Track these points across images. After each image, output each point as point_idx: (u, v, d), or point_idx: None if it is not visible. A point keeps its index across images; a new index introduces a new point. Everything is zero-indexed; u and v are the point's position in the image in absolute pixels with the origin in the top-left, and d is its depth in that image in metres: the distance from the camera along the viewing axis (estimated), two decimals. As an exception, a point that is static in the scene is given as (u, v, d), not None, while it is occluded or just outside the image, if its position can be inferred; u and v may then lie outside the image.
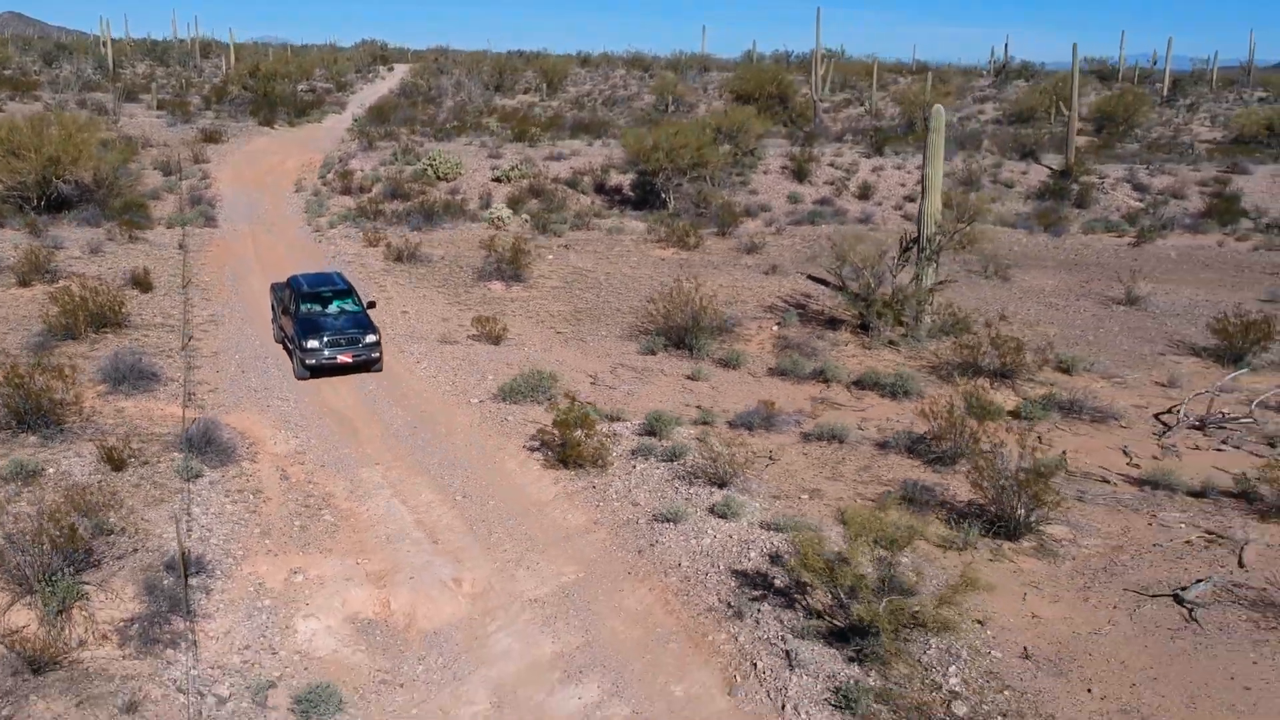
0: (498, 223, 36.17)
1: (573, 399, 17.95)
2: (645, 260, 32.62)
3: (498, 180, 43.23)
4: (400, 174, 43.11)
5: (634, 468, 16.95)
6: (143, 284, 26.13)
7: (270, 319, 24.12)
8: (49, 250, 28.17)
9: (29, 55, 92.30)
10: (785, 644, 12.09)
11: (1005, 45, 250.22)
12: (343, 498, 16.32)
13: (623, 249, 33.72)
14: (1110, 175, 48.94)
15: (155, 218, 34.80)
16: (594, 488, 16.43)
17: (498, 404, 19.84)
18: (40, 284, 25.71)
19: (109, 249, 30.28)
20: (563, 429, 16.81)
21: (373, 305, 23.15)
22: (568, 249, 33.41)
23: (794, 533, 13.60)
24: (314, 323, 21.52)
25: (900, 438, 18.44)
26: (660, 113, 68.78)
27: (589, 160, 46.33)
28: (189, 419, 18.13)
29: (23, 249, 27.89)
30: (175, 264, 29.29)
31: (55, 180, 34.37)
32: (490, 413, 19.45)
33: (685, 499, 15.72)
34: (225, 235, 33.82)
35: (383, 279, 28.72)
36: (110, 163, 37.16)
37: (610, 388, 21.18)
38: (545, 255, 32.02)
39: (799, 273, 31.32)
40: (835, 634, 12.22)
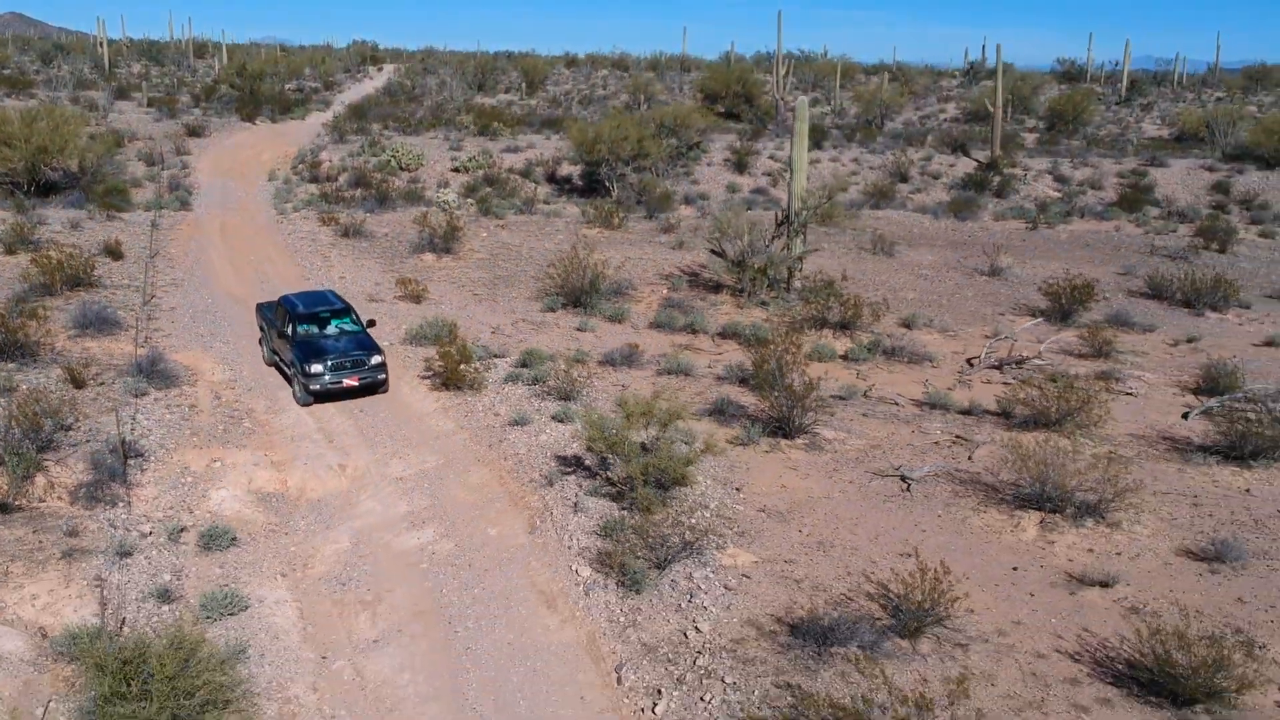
0: (445, 207, 39.82)
1: (455, 336, 21.62)
2: (570, 238, 36.25)
3: (456, 170, 46.98)
4: (366, 164, 46.79)
5: (503, 390, 20.65)
6: (114, 253, 29.85)
7: (258, 339, 23.05)
8: (33, 225, 31.87)
9: (28, 55, 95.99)
10: (576, 500, 15.79)
11: (983, 47, 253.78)
12: (262, 412, 20.01)
13: (553, 229, 37.39)
14: (1034, 168, 52.63)
15: (135, 202, 38.45)
16: (466, 404, 20.14)
17: (404, 346, 23.50)
18: (24, 252, 29.41)
19: (88, 225, 33.99)
20: (445, 358, 20.50)
21: (373, 324, 22.09)
22: (503, 228, 37.10)
23: (586, 416, 17.20)
24: (314, 345, 20.35)
25: (733, 371, 22.10)
26: (632, 111, 72.37)
27: (542, 152, 50.08)
28: (141, 354, 21.80)
29: (10, 223, 31.59)
30: (147, 239, 32.98)
31: (43, 167, 38.13)
32: (396, 353, 23.10)
33: (536, 410, 19.43)
34: (197, 217, 37.49)
35: (329, 251, 32.43)
36: (96, 153, 40.88)
37: (507, 336, 24.84)
38: (480, 234, 35.70)
39: (707, 249, 34.91)
40: (618, 495, 15.88)
